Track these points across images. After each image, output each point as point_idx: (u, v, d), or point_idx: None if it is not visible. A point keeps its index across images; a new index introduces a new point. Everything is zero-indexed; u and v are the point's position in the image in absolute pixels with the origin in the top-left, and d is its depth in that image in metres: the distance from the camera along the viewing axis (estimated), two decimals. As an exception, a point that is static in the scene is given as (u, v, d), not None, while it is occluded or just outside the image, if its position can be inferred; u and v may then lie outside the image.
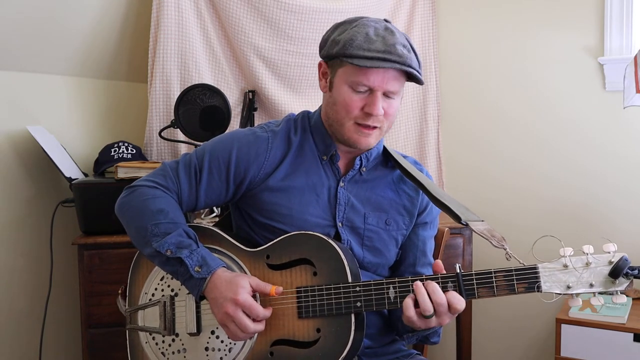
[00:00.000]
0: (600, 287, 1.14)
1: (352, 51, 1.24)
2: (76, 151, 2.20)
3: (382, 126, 1.31)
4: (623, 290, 1.14)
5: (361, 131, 1.30)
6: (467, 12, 2.61)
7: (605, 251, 1.15)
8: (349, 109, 1.28)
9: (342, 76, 1.29)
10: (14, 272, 2.01)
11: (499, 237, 1.26)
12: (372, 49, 1.23)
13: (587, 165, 2.39)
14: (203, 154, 1.37)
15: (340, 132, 1.32)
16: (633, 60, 1.94)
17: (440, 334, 1.41)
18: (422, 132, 2.68)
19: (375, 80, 1.25)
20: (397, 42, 1.24)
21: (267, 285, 1.24)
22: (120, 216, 1.37)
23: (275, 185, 1.35)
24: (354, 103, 1.28)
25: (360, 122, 1.29)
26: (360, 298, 1.22)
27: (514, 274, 1.17)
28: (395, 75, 1.26)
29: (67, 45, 2.11)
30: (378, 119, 1.29)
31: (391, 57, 1.23)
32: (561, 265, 1.16)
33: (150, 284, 1.39)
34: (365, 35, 1.25)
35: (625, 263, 1.12)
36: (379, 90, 1.26)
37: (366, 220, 1.38)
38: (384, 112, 1.28)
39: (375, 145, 1.38)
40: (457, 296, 1.17)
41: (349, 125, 1.30)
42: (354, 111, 1.28)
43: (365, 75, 1.25)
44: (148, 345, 1.37)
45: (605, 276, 1.13)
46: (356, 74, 1.26)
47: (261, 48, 2.33)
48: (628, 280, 1.12)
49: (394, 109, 1.31)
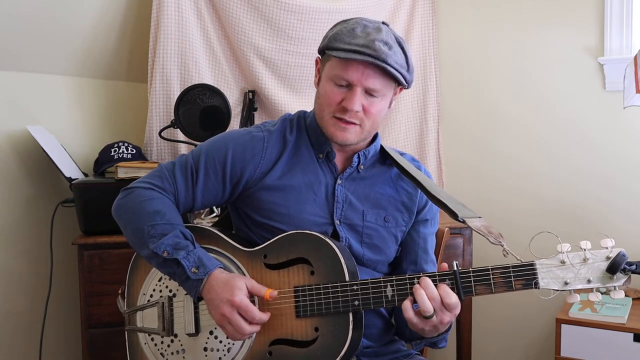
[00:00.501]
0: (598, 283, 1.14)
1: (334, 44, 1.26)
2: (76, 151, 2.20)
3: (362, 124, 1.31)
4: (621, 286, 1.13)
5: (338, 125, 1.31)
6: (467, 12, 2.61)
7: (603, 247, 1.15)
8: (328, 102, 1.30)
9: (327, 70, 1.31)
10: (14, 272, 2.01)
11: (496, 233, 1.26)
12: (352, 42, 1.24)
13: (587, 165, 2.39)
14: (199, 154, 1.38)
15: (321, 124, 1.34)
16: (633, 60, 1.94)
17: (447, 339, 1.39)
18: (422, 132, 2.68)
19: (354, 75, 1.26)
20: (380, 38, 1.24)
21: (262, 288, 1.24)
22: (117, 218, 1.37)
23: (272, 184, 1.35)
24: (333, 96, 1.29)
25: (337, 116, 1.30)
26: (358, 297, 1.22)
27: (512, 271, 1.17)
28: (375, 73, 1.26)
29: (67, 45, 2.11)
30: (356, 115, 1.29)
31: (367, 50, 1.23)
32: (558, 261, 1.15)
33: (148, 285, 1.39)
34: (352, 30, 1.26)
35: (623, 258, 1.11)
36: (357, 85, 1.27)
37: (365, 217, 1.38)
38: (364, 110, 1.29)
39: (373, 141, 1.40)
40: (447, 290, 1.17)
41: (327, 118, 1.32)
42: (332, 105, 1.30)
43: (345, 69, 1.26)
44: (147, 346, 1.37)
45: (603, 272, 1.13)
46: (337, 67, 1.27)
47: (261, 48, 2.33)
48: (626, 275, 1.12)
49: (376, 108, 1.30)
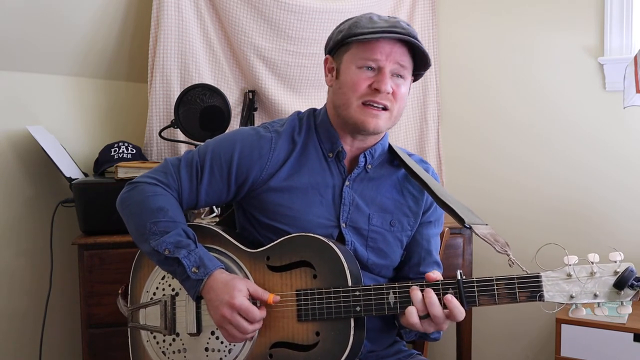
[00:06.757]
0: (604, 298, 1.10)
1: (357, 30, 1.27)
2: (76, 151, 2.20)
3: (391, 108, 1.29)
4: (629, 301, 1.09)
5: (369, 112, 1.27)
6: (467, 11, 2.60)
7: (611, 260, 1.11)
8: (356, 87, 1.27)
9: (348, 58, 1.30)
10: (14, 272, 2.00)
11: (502, 242, 1.25)
12: (375, 26, 1.26)
13: (588, 164, 2.39)
14: (205, 152, 1.37)
15: (348, 115, 1.29)
16: (633, 60, 1.94)
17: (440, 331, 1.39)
18: (422, 132, 2.68)
19: (383, 52, 1.26)
20: (401, 20, 1.28)
21: (265, 293, 1.24)
22: (121, 211, 1.37)
23: (278, 186, 1.34)
24: (362, 81, 1.27)
25: (368, 100, 1.27)
26: (360, 302, 1.21)
27: (516, 283, 1.14)
28: (402, 49, 1.27)
29: (67, 45, 2.11)
30: (387, 97, 1.27)
31: (396, 29, 1.25)
32: (565, 274, 1.12)
33: (151, 282, 1.39)
34: (369, 19, 1.29)
35: (631, 274, 1.08)
36: (386, 66, 1.26)
37: (370, 221, 1.36)
38: (393, 92, 1.27)
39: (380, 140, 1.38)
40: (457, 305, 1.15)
41: (355, 106, 1.28)
42: (361, 89, 1.27)
43: (373, 50, 1.26)
44: (149, 344, 1.37)
45: (610, 287, 1.10)
46: (363, 51, 1.27)
47: (261, 48, 2.33)
48: (634, 291, 1.08)
49: (402, 91, 1.30)
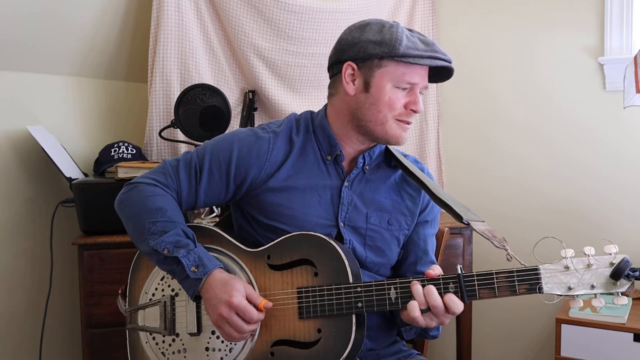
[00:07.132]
0: (601, 289, 1.14)
1: (404, 50, 1.27)
2: (76, 151, 2.20)
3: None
4: (624, 292, 1.14)
5: (402, 126, 1.34)
6: (467, 11, 2.61)
7: (607, 252, 1.15)
8: (393, 107, 1.31)
9: (384, 75, 1.30)
10: (14, 272, 2.00)
11: (500, 237, 1.27)
12: (419, 48, 1.28)
13: (588, 164, 2.39)
14: (204, 153, 1.37)
15: (381, 131, 1.33)
16: (633, 60, 1.94)
17: (439, 328, 1.40)
18: (422, 132, 2.68)
19: (419, 77, 1.32)
20: (435, 42, 1.33)
21: (258, 298, 1.24)
22: (119, 212, 1.37)
23: (277, 186, 1.35)
24: (399, 101, 1.32)
25: (402, 119, 1.33)
26: (362, 299, 1.22)
27: (516, 276, 1.17)
28: (426, 73, 1.34)
29: (67, 45, 2.11)
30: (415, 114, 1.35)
31: (437, 54, 1.29)
32: (562, 266, 1.16)
33: (150, 283, 1.39)
34: (407, 37, 1.30)
35: (627, 264, 1.12)
36: (418, 87, 1.32)
37: (368, 219, 1.38)
38: None
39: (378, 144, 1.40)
40: (454, 299, 1.18)
41: (391, 123, 1.33)
42: (398, 109, 1.32)
43: (412, 73, 1.30)
44: (148, 345, 1.37)
45: (607, 277, 1.14)
46: (403, 73, 1.30)
47: (261, 48, 2.33)
48: (629, 281, 1.13)
49: None
